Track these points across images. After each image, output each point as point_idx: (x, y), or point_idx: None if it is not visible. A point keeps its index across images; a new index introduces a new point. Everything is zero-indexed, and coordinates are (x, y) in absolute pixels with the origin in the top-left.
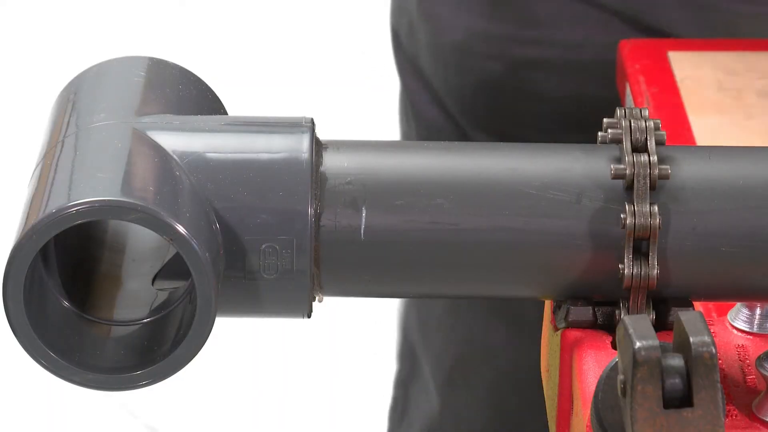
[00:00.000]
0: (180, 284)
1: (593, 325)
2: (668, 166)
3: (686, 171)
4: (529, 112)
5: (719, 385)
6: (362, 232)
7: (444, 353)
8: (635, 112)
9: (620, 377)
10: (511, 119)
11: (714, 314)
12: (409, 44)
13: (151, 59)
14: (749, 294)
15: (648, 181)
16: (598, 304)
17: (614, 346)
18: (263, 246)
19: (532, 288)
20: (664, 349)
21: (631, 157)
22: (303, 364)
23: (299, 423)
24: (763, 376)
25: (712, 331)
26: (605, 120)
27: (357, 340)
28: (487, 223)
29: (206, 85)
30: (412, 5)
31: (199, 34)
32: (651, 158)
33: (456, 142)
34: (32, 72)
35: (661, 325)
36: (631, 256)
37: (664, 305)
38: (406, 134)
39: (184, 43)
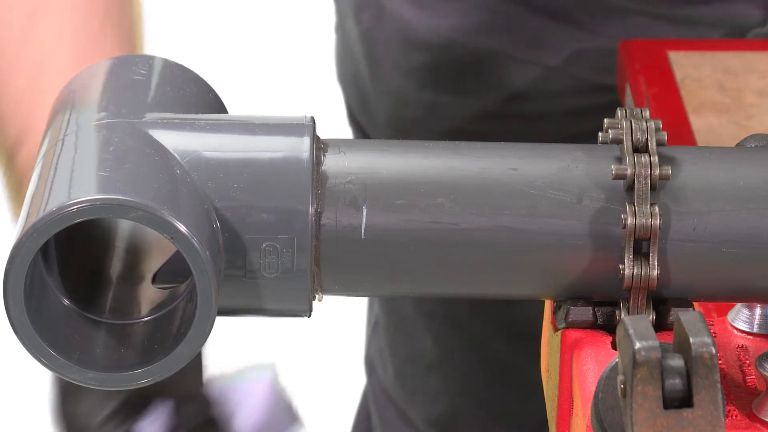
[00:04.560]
0: (180, 283)
1: (593, 326)
2: (669, 167)
3: (687, 171)
4: None
5: (719, 385)
6: (363, 231)
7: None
8: (636, 113)
9: (620, 377)
10: None
11: (714, 314)
12: (365, 120)
13: (152, 58)
14: (749, 295)
15: (649, 182)
16: (598, 305)
17: (614, 347)
18: (264, 245)
19: (532, 288)
20: (664, 350)
21: (632, 158)
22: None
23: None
24: (763, 377)
25: (712, 331)
26: (606, 120)
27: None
28: (487, 223)
29: (207, 84)
30: (366, 84)
31: (200, 33)
32: (652, 159)
33: (457, 142)
34: None
35: (661, 325)
36: (631, 256)
37: (664, 305)
38: None
39: (185, 43)
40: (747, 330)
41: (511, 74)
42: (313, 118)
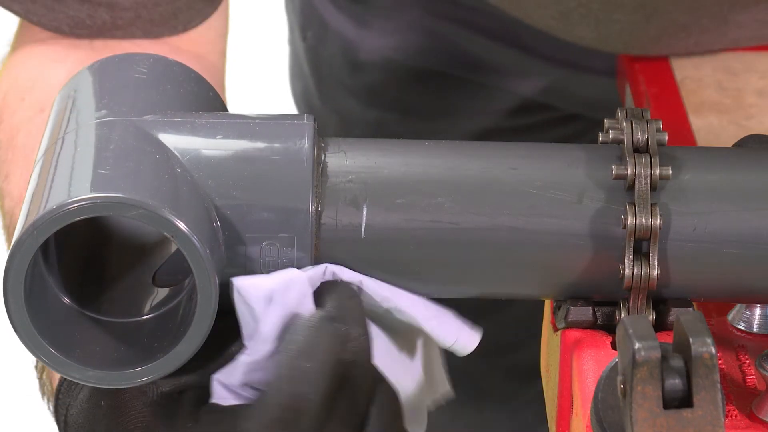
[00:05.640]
0: (180, 281)
1: (593, 326)
2: (669, 167)
3: (687, 172)
4: None
5: (719, 385)
6: (363, 230)
7: None
8: (636, 113)
9: (620, 377)
10: None
11: (714, 314)
12: None
13: (153, 57)
14: (749, 295)
15: (649, 182)
16: (598, 305)
17: (614, 347)
18: (264, 243)
19: (532, 288)
20: (663, 350)
21: (632, 158)
22: None
23: None
24: (763, 376)
25: (711, 331)
26: (606, 120)
27: None
28: (487, 223)
29: (207, 83)
30: (315, 100)
31: None
32: (652, 159)
33: (458, 141)
34: None
35: (661, 325)
36: (631, 256)
37: (664, 305)
38: None
39: None
40: (747, 330)
41: (454, 93)
42: (314, 117)
